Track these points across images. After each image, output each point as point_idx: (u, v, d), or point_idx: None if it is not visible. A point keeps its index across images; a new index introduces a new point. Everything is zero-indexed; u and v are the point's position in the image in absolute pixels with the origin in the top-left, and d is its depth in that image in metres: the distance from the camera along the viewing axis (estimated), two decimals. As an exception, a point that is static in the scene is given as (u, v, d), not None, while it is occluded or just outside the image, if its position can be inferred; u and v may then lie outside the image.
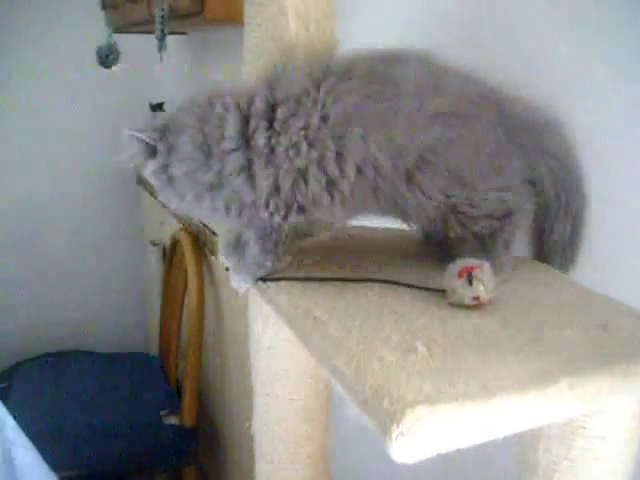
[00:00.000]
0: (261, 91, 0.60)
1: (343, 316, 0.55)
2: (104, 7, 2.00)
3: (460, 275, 0.57)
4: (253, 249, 0.63)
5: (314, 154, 0.57)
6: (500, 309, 0.57)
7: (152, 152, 0.62)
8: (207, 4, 1.17)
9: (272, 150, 0.58)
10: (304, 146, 0.57)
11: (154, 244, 2.31)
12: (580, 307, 0.59)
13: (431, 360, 0.47)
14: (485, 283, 0.57)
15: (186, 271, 1.82)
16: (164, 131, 0.62)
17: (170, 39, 2.45)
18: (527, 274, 0.67)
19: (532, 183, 0.67)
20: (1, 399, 1.22)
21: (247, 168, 0.59)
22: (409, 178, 0.60)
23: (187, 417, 1.70)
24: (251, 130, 0.59)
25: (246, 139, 0.59)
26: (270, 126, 0.58)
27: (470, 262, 0.58)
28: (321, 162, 0.58)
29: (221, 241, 0.71)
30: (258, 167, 0.58)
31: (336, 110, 0.57)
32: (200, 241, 1.78)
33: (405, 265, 0.67)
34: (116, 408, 1.71)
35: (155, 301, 2.35)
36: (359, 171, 0.59)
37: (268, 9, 0.67)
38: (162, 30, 1.27)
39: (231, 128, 0.59)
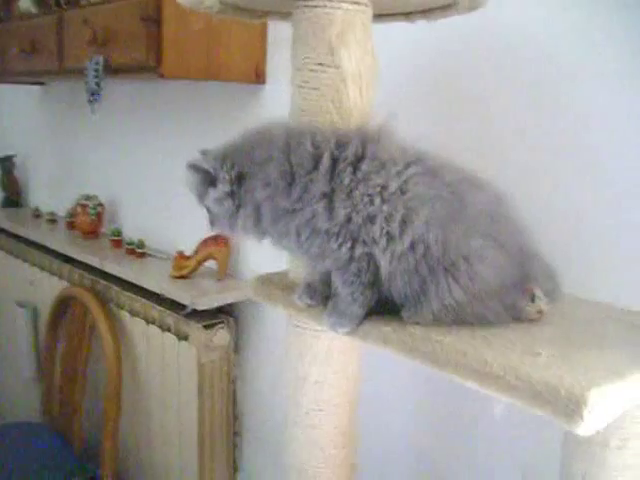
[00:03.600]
0: (355, 142, 0.68)
1: (452, 338, 0.65)
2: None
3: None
4: (343, 294, 0.70)
5: (385, 208, 0.66)
6: (553, 321, 0.71)
7: (213, 181, 0.70)
8: (164, 60, 1.14)
9: (352, 190, 0.67)
10: (378, 200, 0.66)
11: (21, 305, 2.12)
12: (604, 313, 0.75)
13: (556, 359, 0.59)
14: (542, 299, 0.71)
15: (88, 329, 1.73)
16: (224, 160, 0.70)
17: (24, 89, 2.34)
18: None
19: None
20: None
21: (329, 196, 0.67)
22: (437, 272, 0.67)
23: (106, 476, 1.61)
24: (338, 170, 0.67)
25: (332, 173, 0.67)
26: (354, 172, 0.67)
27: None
28: (389, 217, 0.67)
29: (302, 283, 0.76)
30: (339, 197, 0.67)
31: (416, 191, 0.66)
32: (104, 297, 1.70)
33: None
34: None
35: (24, 366, 2.15)
36: (412, 245, 0.67)
37: (327, 75, 0.75)
38: (97, 83, 1.24)
39: (324, 164, 0.67)
